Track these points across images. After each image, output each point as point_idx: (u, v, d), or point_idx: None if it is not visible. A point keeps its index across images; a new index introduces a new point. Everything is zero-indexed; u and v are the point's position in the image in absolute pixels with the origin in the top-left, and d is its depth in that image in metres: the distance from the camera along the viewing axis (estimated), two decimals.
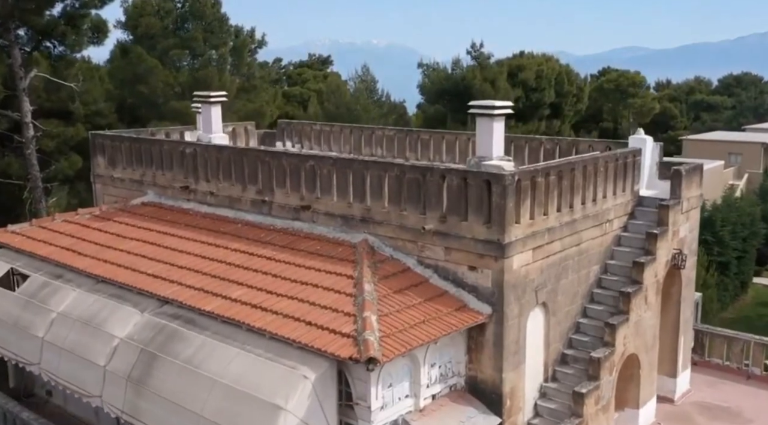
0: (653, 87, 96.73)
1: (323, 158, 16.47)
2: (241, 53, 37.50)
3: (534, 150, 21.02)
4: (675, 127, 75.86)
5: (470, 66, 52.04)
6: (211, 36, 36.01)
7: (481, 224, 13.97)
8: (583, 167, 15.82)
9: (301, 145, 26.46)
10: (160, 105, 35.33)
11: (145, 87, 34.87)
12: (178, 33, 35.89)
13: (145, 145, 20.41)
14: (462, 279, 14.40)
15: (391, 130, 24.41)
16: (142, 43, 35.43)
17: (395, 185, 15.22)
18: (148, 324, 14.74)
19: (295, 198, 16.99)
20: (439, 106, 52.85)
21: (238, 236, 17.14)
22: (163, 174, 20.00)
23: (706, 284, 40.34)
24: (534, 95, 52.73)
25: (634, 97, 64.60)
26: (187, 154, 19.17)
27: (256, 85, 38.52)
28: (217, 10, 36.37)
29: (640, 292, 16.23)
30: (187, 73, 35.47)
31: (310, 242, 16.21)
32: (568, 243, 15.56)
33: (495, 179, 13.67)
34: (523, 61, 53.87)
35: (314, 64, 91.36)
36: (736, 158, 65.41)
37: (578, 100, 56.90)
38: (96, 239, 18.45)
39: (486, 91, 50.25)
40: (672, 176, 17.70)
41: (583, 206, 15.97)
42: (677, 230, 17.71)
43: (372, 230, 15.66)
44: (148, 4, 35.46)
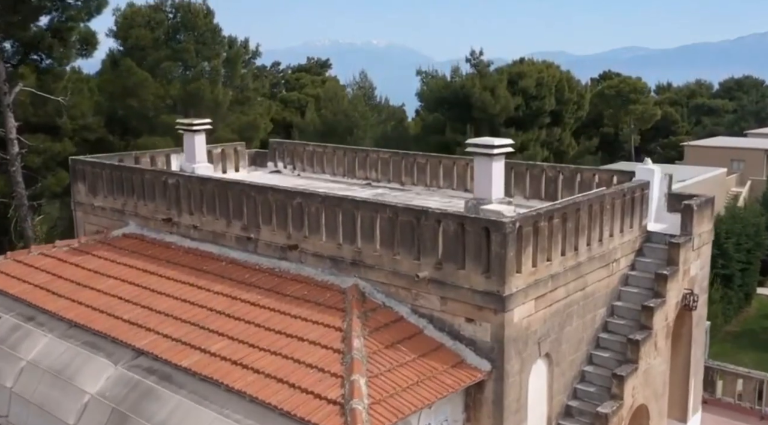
0: (654, 90, 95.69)
1: (311, 196, 15.34)
2: (234, 65, 36.38)
3: (535, 178, 19.89)
4: (676, 132, 74.70)
5: (469, 74, 50.94)
6: (204, 47, 34.89)
7: (479, 273, 12.85)
8: (588, 207, 14.69)
9: (293, 166, 25.32)
10: (151, 118, 34.26)
11: (135, 100, 33.80)
12: (170, 44, 34.76)
13: (126, 173, 19.27)
14: (459, 331, 13.27)
15: (387, 153, 23.25)
16: (133, 55, 34.32)
17: (387, 228, 14.09)
18: (121, 379, 13.61)
19: (282, 236, 15.86)
20: (438, 114, 51.68)
21: (222, 277, 16.00)
22: (145, 205, 18.86)
23: (710, 300, 39.24)
24: (534, 103, 51.60)
25: (635, 104, 63.42)
26: (170, 185, 18.04)
27: (250, 97, 37.40)
28: (209, 20, 35.24)
29: (650, 339, 15.10)
30: (178, 85, 34.35)
31: (298, 285, 15.07)
32: (572, 288, 14.44)
33: (494, 227, 12.54)
34: (523, 68, 52.73)
35: (312, 67, 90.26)
36: (738, 165, 64.23)
37: (579, 107, 55.79)
38: (72, 276, 17.32)
39: (485, 99, 49.21)
40: (683, 211, 16.56)
41: (589, 247, 14.84)
42: (688, 268, 16.58)
43: (363, 275, 14.53)
44: (139, 15, 34.32)
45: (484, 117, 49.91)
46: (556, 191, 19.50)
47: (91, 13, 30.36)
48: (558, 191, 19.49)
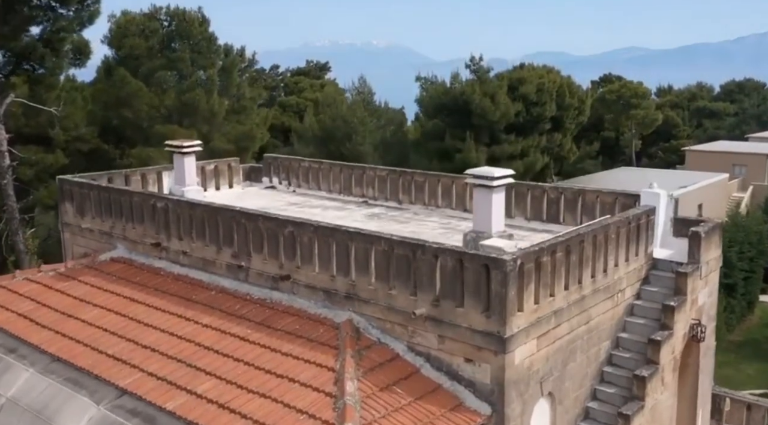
0: (654, 92, 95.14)
1: (303, 225, 14.66)
2: (230, 73, 35.69)
3: (536, 199, 19.21)
4: (677, 136, 74.05)
5: (469, 80, 50.24)
6: (199, 56, 34.20)
7: (478, 312, 12.18)
8: (593, 238, 14.03)
9: (288, 182, 24.65)
10: (146, 129, 33.58)
11: (129, 111, 33.13)
12: (165, 53, 34.07)
13: (114, 195, 18.59)
14: (457, 372, 12.61)
15: (384, 170, 22.58)
16: (127, 64, 33.65)
17: (383, 261, 13.42)
18: (104, 421, 12.94)
19: (274, 266, 15.19)
20: (437, 120, 51.02)
21: (211, 308, 15.33)
22: (133, 228, 18.19)
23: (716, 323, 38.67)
24: (535, 109, 50.96)
25: (636, 109, 62.71)
26: (158, 208, 17.36)
27: (246, 107, 36.70)
28: (204, 29, 34.56)
29: (657, 374, 14.44)
30: (173, 95, 33.66)
31: (289, 318, 14.41)
32: (576, 323, 13.78)
33: (495, 265, 11.87)
34: (523, 74, 52.08)
35: (311, 70, 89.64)
36: (740, 170, 63.58)
37: (580, 112, 55.15)
38: (57, 304, 16.65)
39: (485, 106, 48.56)
40: (690, 238, 15.89)
41: (593, 279, 14.18)
42: (696, 298, 15.92)
43: (357, 309, 13.87)
44: (133, 23, 33.62)
45: (483, 124, 49.26)
46: (558, 213, 18.85)
47: (84, 23, 29.70)
48: (560, 213, 18.83)
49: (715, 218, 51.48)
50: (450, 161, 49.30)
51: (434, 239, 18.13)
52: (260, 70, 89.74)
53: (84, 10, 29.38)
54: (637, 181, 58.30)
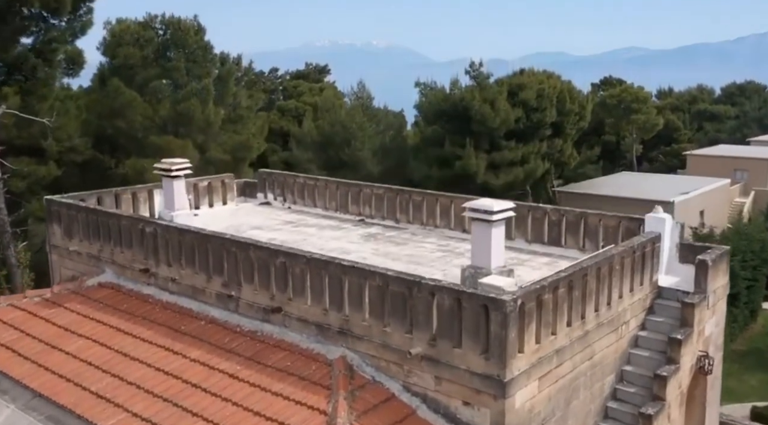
0: (655, 94, 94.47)
1: (296, 256, 14.03)
2: (226, 82, 35.05)
3: (537, 221, 18.58)
4: (678, 140, 73.38)
5: (469, 86, 49.56)
6: (194, 65, 33.57)
7: (477, 354, 11.56)
8: (596, 270, 13.40)
9: (283, 198, 24.02)
10: (140, 139, 32.96)
11: (123, 121, 32.51)
12: (160, 62, 33.42)
13: (102, 218, 17.97)
14: (455, 415, 12.00)
15: (381, 188, 21.94)
16: (121, 73, 33.02)
17: (377, 297, 12.80)
18: None
19: (265, 297, 14.57)
20: (437, 126, 50.38)
21: (200, 340, 14.72)
22: (122, 252, 17.57)
23: None
24: (535, 115, 50.26)
25: (637, 113, 62.00)
26: (147, 233, 16.74)
27: (243, 116, 36.07)
28: (200, 38, 33.92)
29: (663, 411, 13.81)
30: (168, 105, 33.04)
31: (281, 354, 13.79)
32: (579, 360, 13.16)
33: (494, 305, 11.25)
34: (523, 80, 51.37)
35: (311, 73, 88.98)
36: (742, 175, 62.90)
37: (581, 118, 54.42)
38: (42, 333, 16.04)
39: (485, 112, 47.90)
40: (697, 266, 15.24)
41: (597, 312, 13.56)
42: (703, 329, 15.29)
43: (351, 345, 13.25)
44: (127, 32, 32.99)
45: (483, 130, 48.61)
46: (560, 236, 18.22)
47: (76, 34, 29.09)
48: (562, 236, 18.20)
49: (716, 225, 50.68)
50: (450, 168, 48.75)
51: (432, 262, 17.61)
52: (259, 73, 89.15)
53: (76, 21, 28.76)
54: (638, 186, 57.76)
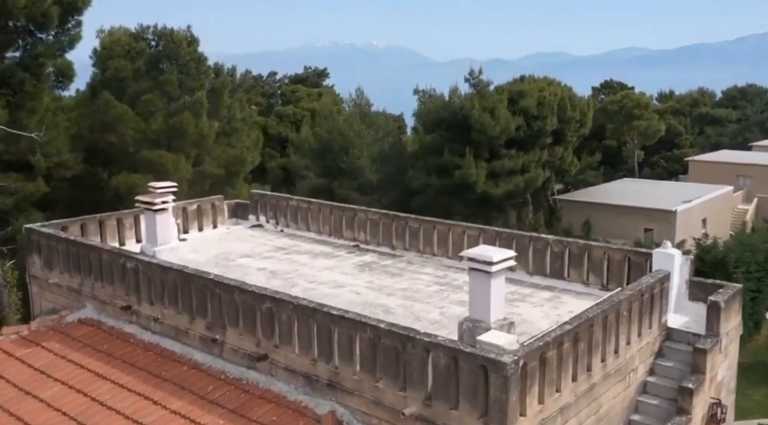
0: (656, 97, 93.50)
1: (282, 302, 13.10)
2: (220, 95, 34.10)
3: (539, 252, 17.65)
4: (680, 145, 72.38)
5: (469, 94, 48.59)
6: (187, 78, 32.62)
7: (475, 417, 10.63)
8: (603, 319, 12.47)
9: (276, 221, 23.10)
10: (132, 154, 32.02)
11: (114, 135, 31.56)
12: (152, 74, 32.45)
13: (83, 250, 17.05)
14: None
15: (376, 213, 21.01)
16: (112, 86, 32.07)
17: (368, 350, 11.87)
18: None
19: (251, 342, 13.64)
20: (436, 135, 49.45)
21: (182, 388, 13.78)
22: (103, 287, 16.65)
23: None
24: (536, 123, 49.32)
25: (639, 120, 61.00)
26: (129, 269, 15.82)
27: (238, 129, 35.12)
28: (193, 49, 32.96)
29: None
30: (160, 119, 32.09)
31: (266, 406, 12.85)
32: (585, 415, 12.23)
33: (493, 367, 10.31)
34: (523, 87, 50.40)
35: (310, 76, 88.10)
36: (744, 181, 61.93)
37: (581, 125, 53.49)
38: (16, 376, 15.10)
39: (485, 121, 46.97)
40: (709, 308, 14.30)
41: (604, 363, 12.64)
42: (715, 374, 14.36)
43: (341, 399, 12.33)
44: (118, 44, 32.03)
45: (483, 139, 47.69)
46: (563, 268, 17.29)
47: (64, 48, 28.11)
48: (564, 268, 17.28)
49: (719, 233, 49.62)
50: (449, 177, 47.84)
51: (429, 297, 16.68)
52: (257, 76, 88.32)
53: (64, 35, 27.79)
54: (640, 193, 56.82)
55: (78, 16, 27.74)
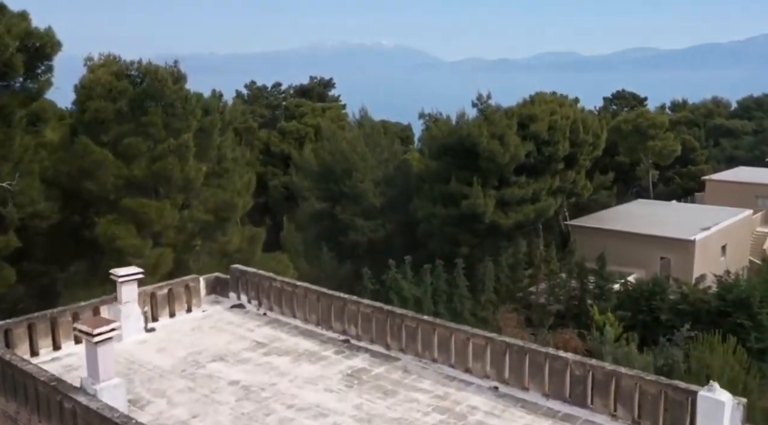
0: (669, 106, 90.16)
1: None
2: (209, 134, 31.22)
3: (557, 372, 14.72)
4: (695, 160, 69.03)
5: (476, 119, 45.54)
6: (173, 119, 29.72)
7: None
8: None
9: (258, 302, 20.25)
10: (113, 201, 29.23)
11: (93, 183, 28.77)
12: (135, 115, 29.57)
13: (19, 376, 14.24)
14: None
15: (368, 307, 18.08)
16: (91, 129, 29.27)
17: None
18: None
19: None
20: (442, 161, 46.55)
21: None
22: (39, 422, 13.84)
23: (747, 389, 34.16)
24: (547, 149, 46.26)
25: (653, 139, 57.74)
26: (66, 410, 13.00)
27: (229, 169, 32.25)
28: (179, 87, 30.07)
29: None
30: (144, 164, 29.26)
31: None
32: None
33: None
34: (534, 110, 47.25)
35: (315, 86, 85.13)
36: (764, 202, 58.62)
37: (594, 147, 50.36)
38: None
39: (494, 148, 44.05)
40: None
41: None
42: None
43: None
44: (98, 84, 29.18)
45: (492, 167, 44.71)
46: (585, 395, 14.36)
47: (33, 97, 25.31)
48: (587, 395, 14.34)
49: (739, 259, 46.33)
50: (456, 207, 44.92)
51: None
52: (262, 87, 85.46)
53: (33, 81, 25.00)
54: (655, 218, 53.55)
55: (48, 61, 24.94)
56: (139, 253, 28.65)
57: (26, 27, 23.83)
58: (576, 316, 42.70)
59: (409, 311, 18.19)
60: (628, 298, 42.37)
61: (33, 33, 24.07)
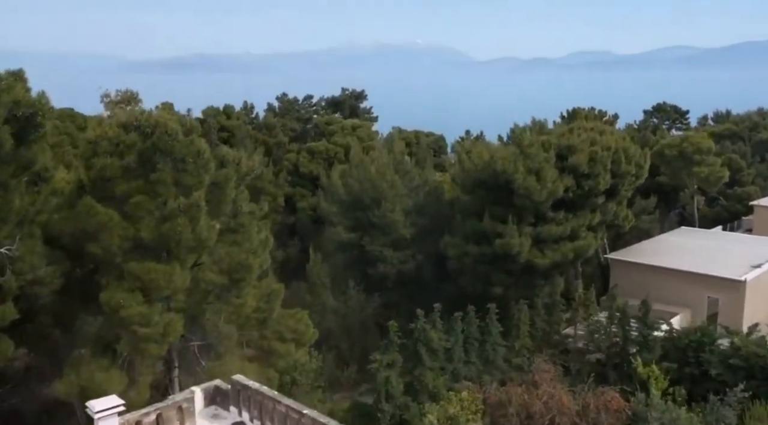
0: (711, 117, 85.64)
1: None
2: (223, 188, 28.55)
3: None
4: (741, 181, 64.69)
5: (511, 152, 42.25)
6: (184, 175, 27.08)
7: None
8: None
9: (261, 423, 17.50)
10: (119, 265, 26.75)
11: (98, 246, 26.31)
12: (143, 171, 27.01)
13: None
14: None
15: None
16: (97, 187, 26.81)
17: None
18: None
19: None
20: (474, 195, 43.47)
21: None
22: None
23: None
24: (586, 183, 42.95)
25: (699, 165, 53.81)
26: None
27: (244, 224, 29.55)
28: (191, 141, 27.37)
29: None
30: (152, 224, 26.70)
31: None
32: None
33: None
34: (573, 140, 43.84)
35: (347, 99, 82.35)
36: None
37: (637, 177, 46.80)
38: None
39: (530, 186, 40.88)
40: None
41: None
42: None
43: None
44: (105, 139, 26.68)
45: (528, 204, 41.50)
46: None
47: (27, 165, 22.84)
48: None
49: None
50: (489, 245, 41.84)
51: None
52: (293, 100, 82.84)
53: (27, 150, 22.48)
54: (701, 252, 49.61)
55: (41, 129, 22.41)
56: (146, 321, 26.17)
57: (15, 95, 21.24)
58: (617, 366, 39.39)
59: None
60: (674, 348, 38.90)
61: (22, 102, 21.51)
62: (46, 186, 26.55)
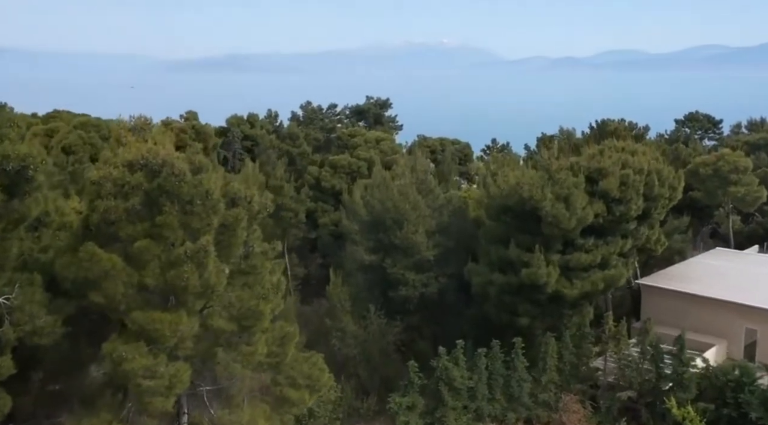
0: (745, 125, 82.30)
1: None
2: (234, 230, 26.68)
3: None
4: None
5: (538, 179, 39.95)
6: (192, 218, 25.28)
7: None
8: None
9: None
10: (122, 313, 25.08)
11: (100, 295, 24.64)
12: (149, 214, 25.29)
13: None
14: None
15: None
16: (100, 231, 25.13)
17: None
18: None
19: None
20: (500, 222, 41.29)
21: None
22: None
23: None
24: (618, 208, 40.57)
25: (736, 185, 50.98)
26: None
27: (256, 266, 27.69)
28: (199, 181, 25.54)
29: None
30: (158, 270, 24.98)
31: None
32: None
33: None
34: (603, 163, 41.39)
35: (371, 108, 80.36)
36: None
37: (671, 200, 44.27)
38: None
39: (558, 213, 38.57)
40: None
41: None
42: None
43: None
44: (109, 180, 24.97)
45: (556, 232, 39.22)
46: None
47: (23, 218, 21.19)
48: None
49: None
50: (515, 274, 39.66)
51: None
52: (317, 108, 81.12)
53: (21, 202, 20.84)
54: (738, 277, 46.92)
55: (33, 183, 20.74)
56: (151, 373, 24.45)
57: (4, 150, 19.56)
58: (649, 404, 37.08)
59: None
60: (711, 386, 36.48)
61: (11, 156, 19.83)
62: (47, 231, 24.86)
